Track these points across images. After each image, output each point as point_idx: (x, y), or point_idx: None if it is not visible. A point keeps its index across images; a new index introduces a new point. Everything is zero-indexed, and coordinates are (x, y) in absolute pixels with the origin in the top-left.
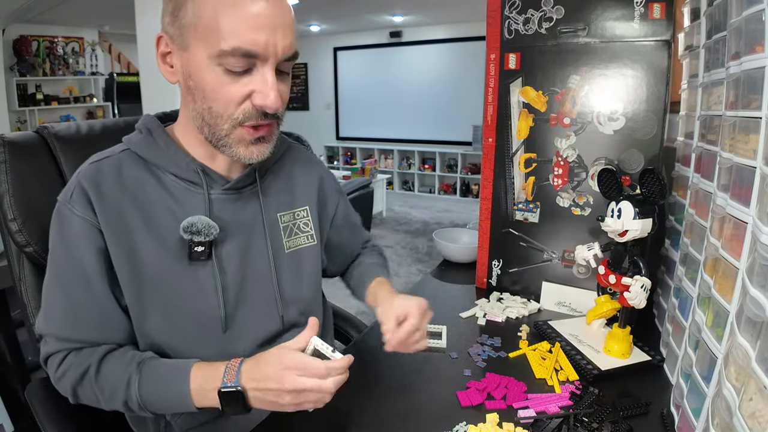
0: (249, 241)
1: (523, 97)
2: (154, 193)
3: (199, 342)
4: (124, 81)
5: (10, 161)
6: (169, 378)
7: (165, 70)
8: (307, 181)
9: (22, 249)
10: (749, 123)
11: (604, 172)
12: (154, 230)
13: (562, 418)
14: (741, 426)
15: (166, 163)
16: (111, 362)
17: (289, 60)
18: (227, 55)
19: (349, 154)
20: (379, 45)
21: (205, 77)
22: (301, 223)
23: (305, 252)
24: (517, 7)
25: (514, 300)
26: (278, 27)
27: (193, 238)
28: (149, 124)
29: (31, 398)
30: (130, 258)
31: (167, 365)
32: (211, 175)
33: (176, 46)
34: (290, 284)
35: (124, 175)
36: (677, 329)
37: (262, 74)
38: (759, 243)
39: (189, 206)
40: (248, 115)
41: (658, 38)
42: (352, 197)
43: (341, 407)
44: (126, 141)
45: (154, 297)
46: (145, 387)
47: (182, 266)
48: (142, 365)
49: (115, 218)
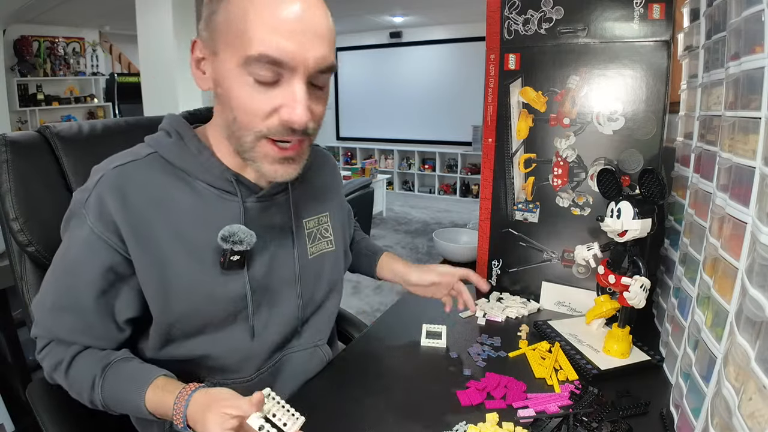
0: (277, 248)
1: (522, 98)
2: (184, 200)
3: (225, 349)
4: (125, 81)
5: (12, 161)
6: (129, 389)
7: (198, 75)
8: (328, 184)
9: (23, 248)
10: (749, 123)
11: (604, 172)
12: (184, 240)
13: (561, 417)
14: (740, 425)
15: (199, 170)
16: (81, 360)
17: (323, 73)
18: (253, 61)
19: (350, 154)
20: (380, 45)
21: (233, 85)
22: (322, 228)
23: (326, 257)
24: (517, 7)
25: (513, 300)
26: (311, 34)
27: (233, 248)
28: (179, 127)
29: (32, 398)
30: (159, 269)
31: (130, 374)
32: (245, 183)
33: (209, 51)
34: (310, 289)
35: (152, 182)
36: (677, 329)
37: (290, 86)
38: (758, 243)
39: (223, 215)
40: (273, 130)
41: (657, 38)
42: (352, 197)
43: (341, 407)
44: (152, 143)
45: (182, 308)
46: (107, 391)
47: (213, 275)
48: (107, 368)
49: (142, 231)
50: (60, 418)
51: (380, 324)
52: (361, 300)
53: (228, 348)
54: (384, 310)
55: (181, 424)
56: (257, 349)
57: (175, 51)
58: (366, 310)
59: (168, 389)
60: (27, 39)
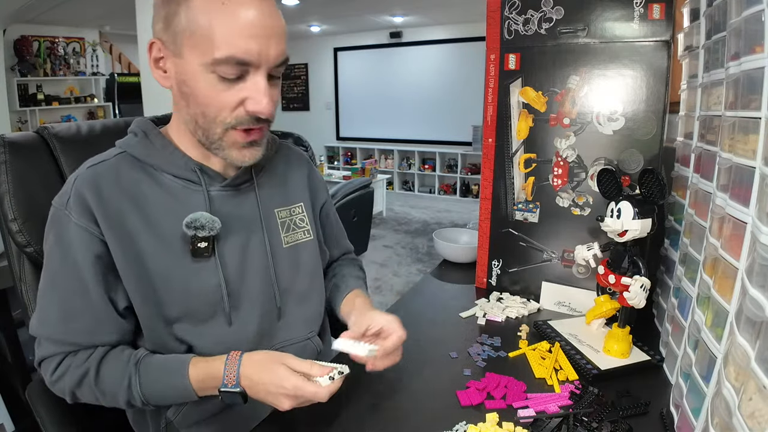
0: (248, 237)
1: (522, 98)
2: (152, 193)
3: (207, 338)
4: (125, 81)
5: (11, 161)
6: (170, 375)
7: (158, 75)
8: (299, 178)
9: (22, 249)
10: (749, 123)
11: (604, 172)
12: (155, 231)
13: (561, 417)
14: (740, 425)
15: (164, 163)
16: (109, 364)
17: (280, 66)
18: (221, 63)
19: (350, 154)
20: (380, 45)
21: (199, 84)
22: (297, 219)
23: (303, 246)
24: (517, 7)
25: (513, 300)
26: (271, 36)
27: (197, 234)
28: (144, 127)
29: (32, 398)
30: (136, 261)
31: (165, 363)
32: (208, 173)
33: (170, 52)
34: (287, 278)
35: (122, 178)
36: (677, 329)
37: (254, 81)
38: (758, 243)
39: (189, 204)
40: (241, 120)
41: (657, 39)
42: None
43: (342, 406)
44: (121, 144)
45: (161, 297)
46: (146, 386)
47: (186, 264)
48: (139, 365)
49: (116, 223)
50: (60, 418)
51: None
52: None
53: (210, 338)
54: (384, 310)
55: (233, 382)
56: (237, 338)
57: None
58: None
59: (211, 360)
60: (27, 39)
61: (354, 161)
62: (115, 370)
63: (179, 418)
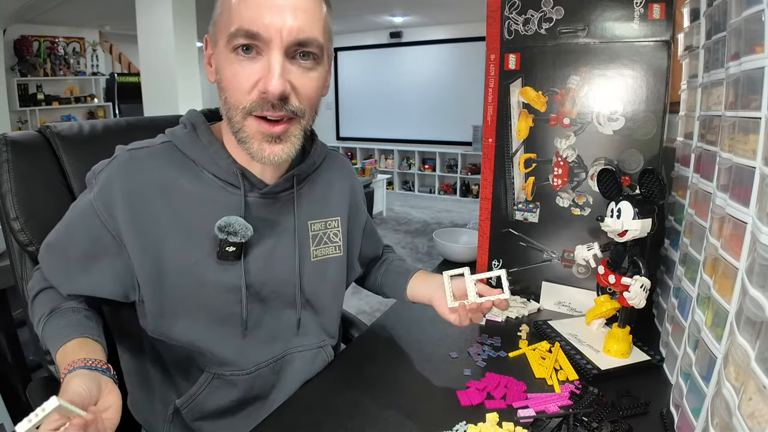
0: (276, 245)
1: (522, 98)
2: (189, 188)
3: (218, 340)
4: (125, 81)
5: (13, 160)
6: (59, 333)
7: (207, 70)
8: (342, 191)
9: (24, 248)
10: (749, 123)
11: (604, 172)
12: (182, 224)
13: (561, 417)
14: (740, 426)
15: (206, 161)
16: (41, 297)
17: (303, 46)
18: (234, 37)
19: (350, 155)
20: (379, 45)
21: (222, 66)
22: (331, 233)
23: (331, 262)
24: (517, 7)
25: (513, 300)
26: (285, 9)
27: (228, 238)
28: (194, 119)
29: (33, 398)
30: (154, 249)
31: (59, 326)
32: (250, 179)
33: (212, 44)
34: (310, 291)
35: (160, 167)
36: (677, 329)
37: (267, 59)
38: (758, 243)
39: (224, 206)
40: (255, 104)
41: (657, 39)
42: None
43: (341, 407)
44: (169, 133)
45: (175, 291)
46: (46, 332)
47: (208, 263)
48: (54, 311)
49: (140, 208)
50: None
51: (380, 324)
52: (361, 300)
53: (221, 339)
54: (384, 310)
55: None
56: (250, 343)
57: (175, 51)
58: (366, 310)
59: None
60: (27, 39)
61: (354, 161)
62: (41, 304)
63: (186, 411)
